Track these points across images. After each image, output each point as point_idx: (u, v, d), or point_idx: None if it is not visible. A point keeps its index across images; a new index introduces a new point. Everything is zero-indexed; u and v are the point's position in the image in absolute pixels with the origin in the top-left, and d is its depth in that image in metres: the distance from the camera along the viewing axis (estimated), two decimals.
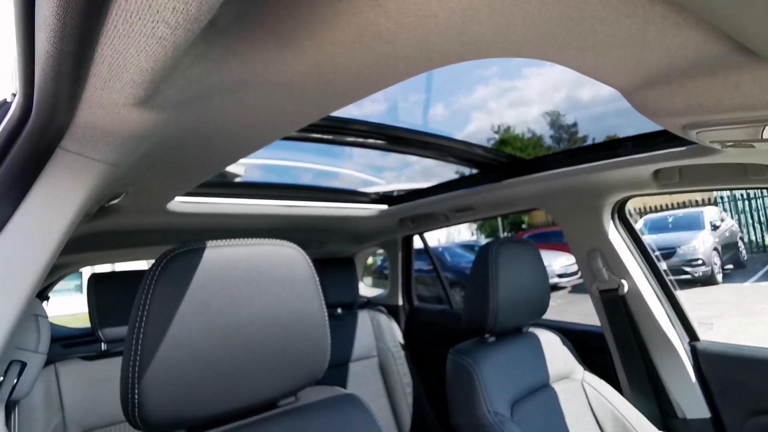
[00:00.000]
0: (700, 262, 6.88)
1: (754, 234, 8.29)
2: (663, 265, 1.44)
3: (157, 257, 0.61)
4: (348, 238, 2.30)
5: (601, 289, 1.45)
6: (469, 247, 10.33)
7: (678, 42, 0.48)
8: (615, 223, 1.43)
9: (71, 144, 0.48)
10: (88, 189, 0.49)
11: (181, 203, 1.30)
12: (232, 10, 0.40)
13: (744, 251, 8.09)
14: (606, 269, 1.43)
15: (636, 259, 1.43)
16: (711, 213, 8.00)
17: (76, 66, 0.38)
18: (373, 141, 1.23)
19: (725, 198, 8.62)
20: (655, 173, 1.18)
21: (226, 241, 0.66)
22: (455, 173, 1.96)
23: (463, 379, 1.14)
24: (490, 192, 1.53)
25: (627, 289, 1.39)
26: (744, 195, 8.30)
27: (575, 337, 1.50)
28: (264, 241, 0.70)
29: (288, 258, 0.71)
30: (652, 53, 0.52)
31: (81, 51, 0.36)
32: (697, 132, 0.67)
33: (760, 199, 8.13)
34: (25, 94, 0.45)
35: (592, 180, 1.29)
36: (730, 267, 7.60)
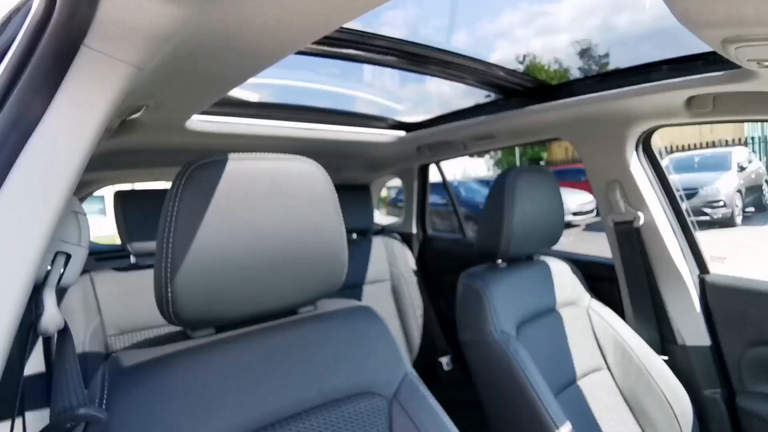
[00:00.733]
0: (721, 203, 6.76)
1: None
2: (684, 205, 1.43)
3: (182, 167, 0.63)
4: (364, 165, 2.30)
5: (617, 221, 1.45)
6: (485, 183, 10.24)
7: None
8: (639, 155, 1.40)
9: (95, 42, 0.48)
10: (113, 91, 0.50)
11: (200, 122, 1.30)
12: None
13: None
14: (623, 201, 1.42)
15: (656, 192, 1.41)
16: (739, 154, 7.71)
17: None
18: (392, 58, 1.19)
19: (756, 139, 8.25)
20: (688, 101, 1.13)
21: (248, 155, 0.67)
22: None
23: (473, 300, 1.19)
24: (511, 119, 1.49)
25: (642, 222, 1.39)
26: None
27: (585, 268, 1.53)
28: (285, 156, 0.71)
29: (308, 173, 0.73)
30: None
31: None
32: (736, 47, 0.64)
33: None
34: None
35: (620, 107, 1.24)
36: (751, 210, 7.46)
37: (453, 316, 1.28)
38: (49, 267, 0.54)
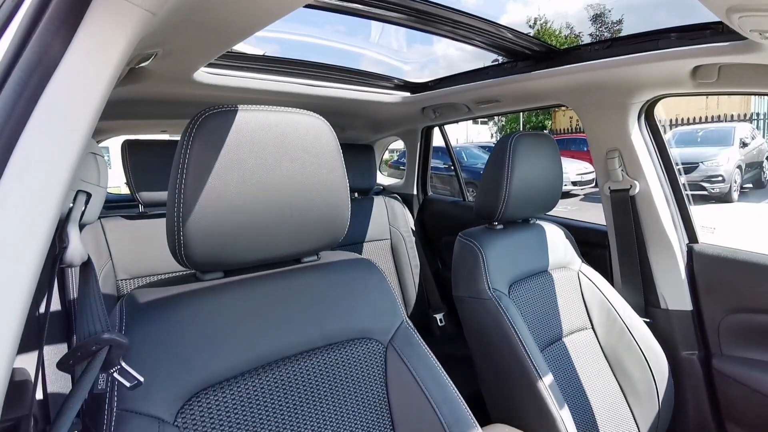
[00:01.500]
0: (720, 178, 6.79)
1: None
2: (682, 179, 1.46)
3: (194, 115, 0.65)
4: (368, 125, 2.30)
5: (613, 189, 1.49)
6: (488, 149, 10.19)
7: None
8: (640, 125, 1.41)
9: None
10: (127, 34, 0.51)
11: (207, 74, 1.30)
12: None
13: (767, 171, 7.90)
14: (621, 169, 1.45)
15: (654, 163, 1.43)
16: (743, 129, 7.66)
17: None
18: (400, 15, 1.18)
19: (762, 115, 8.17)
20: (694, 71, 1.14)
21: (256, 107, 0.69)
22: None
23: (469, 258, 1.24)
24: (516, 83, 1.49)
25: (638, 190, 1.43)
26: None
27: (579, 233, 1.58)
28: (292, 110, 0.73)
29: (314, 127, 0.75)
30: None
31: None
32: (740, 17, 0.65)
33: None
34: None
35: (625, 75, 1.25)
36: (749, 186, 7.49)
37: (449, 275, 1.33)
38: (71, 204, 0.57)
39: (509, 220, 1.34)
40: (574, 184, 9.69)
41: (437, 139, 2.49)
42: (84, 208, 0.59)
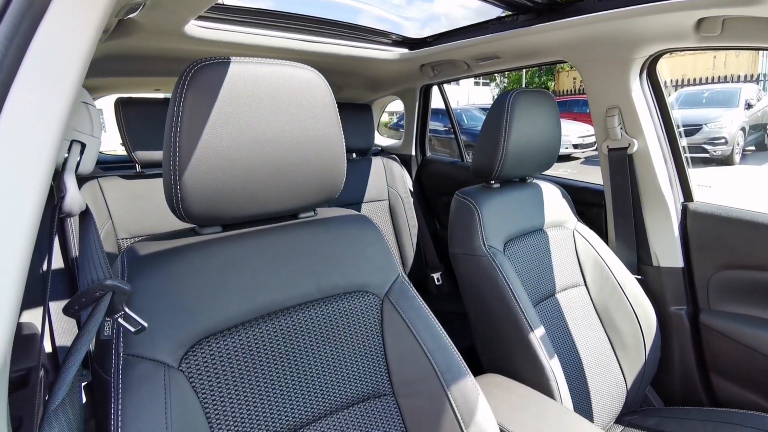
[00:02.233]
0: (722, 141, 6.73)
1: None
2: (683, 142, 1.45)
3: (186, 67, 0.64)
4: (366, 84, 2.26)
5: (611, 147, 1.48)
6: (488, 111, 10.02)
7: None
8: (642, 81, 1.39)
9: None
10: None
11: (198, 27, 1.27)
12: None
13: None
14: (621, 127, 1.44)
15: (653, 120, 1.42)
16: (749, 91, 7.51)
17: None
18: None
19: None
20: (697, 24, 1.11)
21: (249, 59, 0.68)
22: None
23: (465, 216, 1.26)
24: (518, 38, 1.45)
25: (636, 149, 1.42)
26: None
27: (576, 192, 1.58)
28: (286, 62, 0.72)
29: (309, 81, 0.74)
30: None
31: None
32: None
33: None
34: None
35: (628, 28, 1.22)
36: (751, 149, 7.43)
37: (446, 235, 1.35)
38: (66, 155, 0.58)
39: (506, 178, 1.34)
40: (575, 147, 9.60)
41: (437, 102, 2.46)
42: (79, 158, 0.59)
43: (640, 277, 1.44)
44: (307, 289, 0.78)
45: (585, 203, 1.64)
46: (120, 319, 0.56)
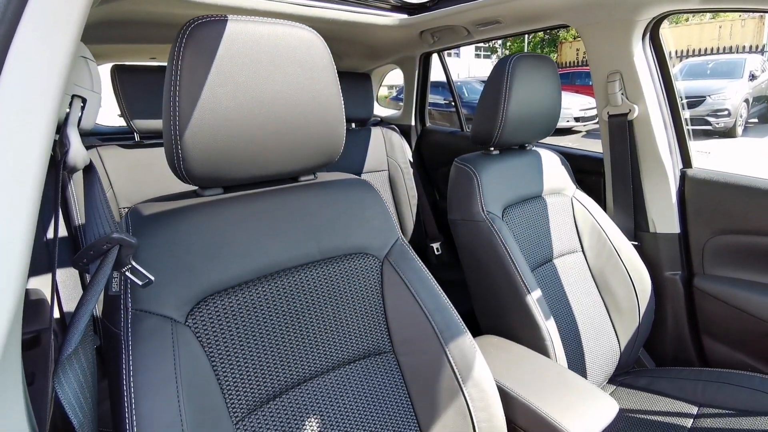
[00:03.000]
0: (726, 113, 6.66)
1: None
2: (686, 114, 1.44)
3: (183, 25, 0.64)
4: (365, 52, 2.22)
5: (612, 114, 1.47)
6: None
7: None
8: (644, 44, 1.37)
9: None
10: None
11: None
12: None
13: None
14: (622, 93, 1.43)
15: (655, 85, 1.41)
16: (754, 61, 7.39)
17: None
18: None
19: None
20: None
21: (247, 17, 0.67)
22: None
23: (464, 182, 1.26)
24: (518, 0, 1.43)
25: (637, 114, 1.42)
26: None
27: (575, 160, 1.59)
28: (284, 22, 0.71)
29: (307, 41, 0.73)
30: None
31: None
32: None
33: None
34: None
35: None
36: (754, 121, 7.36)
37: (446, 206, 1.36)
38: (68, 110, 0.58)
39: (505, 145, 1.34)
40: (576, 120, 9.48)
41: (437, 75, 2.42)
42: (80, 114, 0.60)
43: (636, 243, 1.46)
44: (309, 251, 0.80)
45: (584, 171, 1.65)
46: (127, 273, 0.58)
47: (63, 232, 1.35)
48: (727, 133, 6.77)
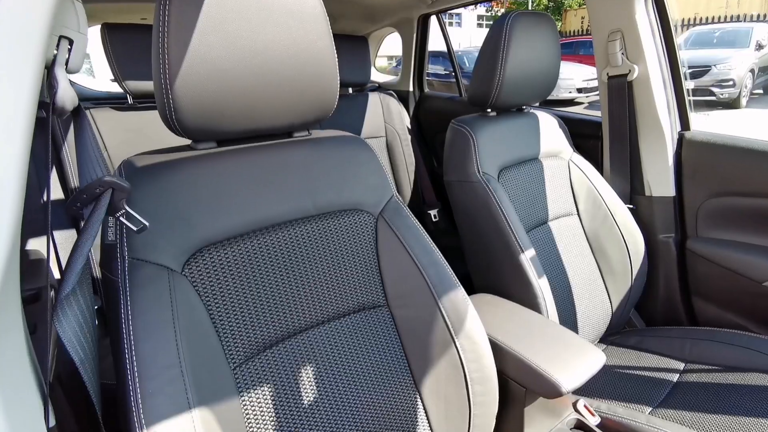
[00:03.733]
0: (731, 83, 6.55)
1: None
2: (690, 84, 1.41)
3: None
4: (362, 14, 2.17)
5: (611, 75, 1.45)
6: None
7: None
8: (647, 2, 1.34)
9: None
10: None
11: None
12: None
13: None
14: (622, 53, 1.40)
15: (656, 45, 1.38)
16: (761, 30, 7.22)
17: None
18: None
19: None
20: None
21: None
22: None
23: (461, 143, 1.26)
24: None
25: (636, 75, 1.40)
26: None
27: (573, 124, 1.57)
28: None
29: None
30: None
31: None
32: None
33: None
34: None
35: None
36: (759, 92, 7.25)
37: (441, 171, 1.36)
38: (56, 51, 0.57)
39: (503, 107, 1.33)
40: (579, 91, 9.32)
41: (438, 44, 2.37)
42: (68, 56, 0.59)
43: (632, 207, 1.47)
44: (303, 205, 0.80)
45: (582, 135, 1.64)
46: (122, 218, 0.58)
47: (60, 194, 1.36)
48: (731, 104, 6.68)
